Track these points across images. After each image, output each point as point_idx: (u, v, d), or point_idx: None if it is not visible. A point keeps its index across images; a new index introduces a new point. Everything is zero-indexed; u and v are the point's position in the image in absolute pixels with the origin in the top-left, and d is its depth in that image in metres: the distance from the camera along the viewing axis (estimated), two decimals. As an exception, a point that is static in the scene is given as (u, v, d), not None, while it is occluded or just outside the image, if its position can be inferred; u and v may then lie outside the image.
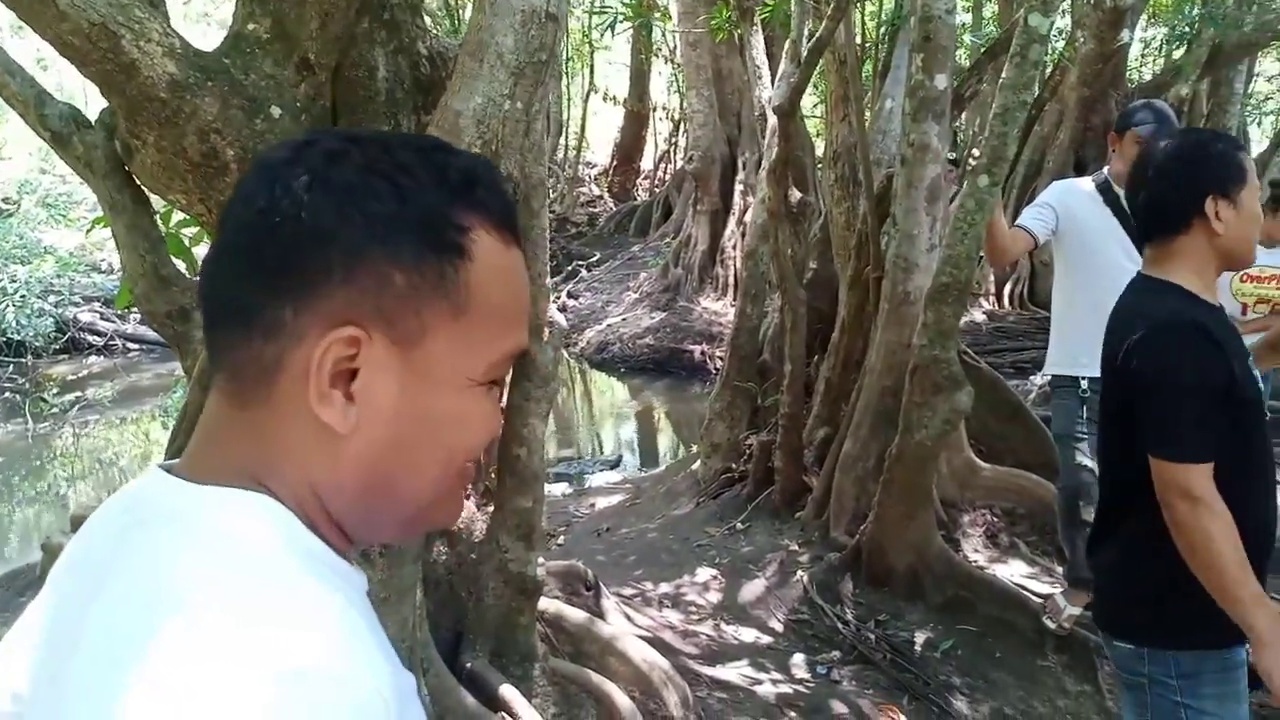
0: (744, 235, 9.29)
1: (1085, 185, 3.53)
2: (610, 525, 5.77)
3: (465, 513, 2.97)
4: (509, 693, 2.72)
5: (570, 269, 15.54)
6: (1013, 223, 3.56)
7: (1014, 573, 4.23)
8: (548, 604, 3.17)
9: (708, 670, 3.43)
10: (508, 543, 2.87)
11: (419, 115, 2.45)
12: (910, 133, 4.14)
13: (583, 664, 3.04)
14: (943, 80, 4.06)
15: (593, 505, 6.61)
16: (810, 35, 4.90)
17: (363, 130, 1.02)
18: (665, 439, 10.64)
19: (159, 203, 2.51)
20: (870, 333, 4.68)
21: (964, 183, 3.51)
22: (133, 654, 0.54)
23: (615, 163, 20.45)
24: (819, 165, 6.57)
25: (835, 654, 3.70)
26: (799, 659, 3.67)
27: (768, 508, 5.05)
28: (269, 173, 0.65)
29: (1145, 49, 14.68)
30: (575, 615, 3.23)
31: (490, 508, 3.02)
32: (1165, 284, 1.91)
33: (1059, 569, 4.15)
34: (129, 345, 13.91)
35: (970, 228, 3.37)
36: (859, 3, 6.18)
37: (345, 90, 2.33)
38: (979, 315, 10.77)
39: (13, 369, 12.43)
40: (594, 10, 10.12)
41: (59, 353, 13.32)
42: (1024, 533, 4.53)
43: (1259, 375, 1.94)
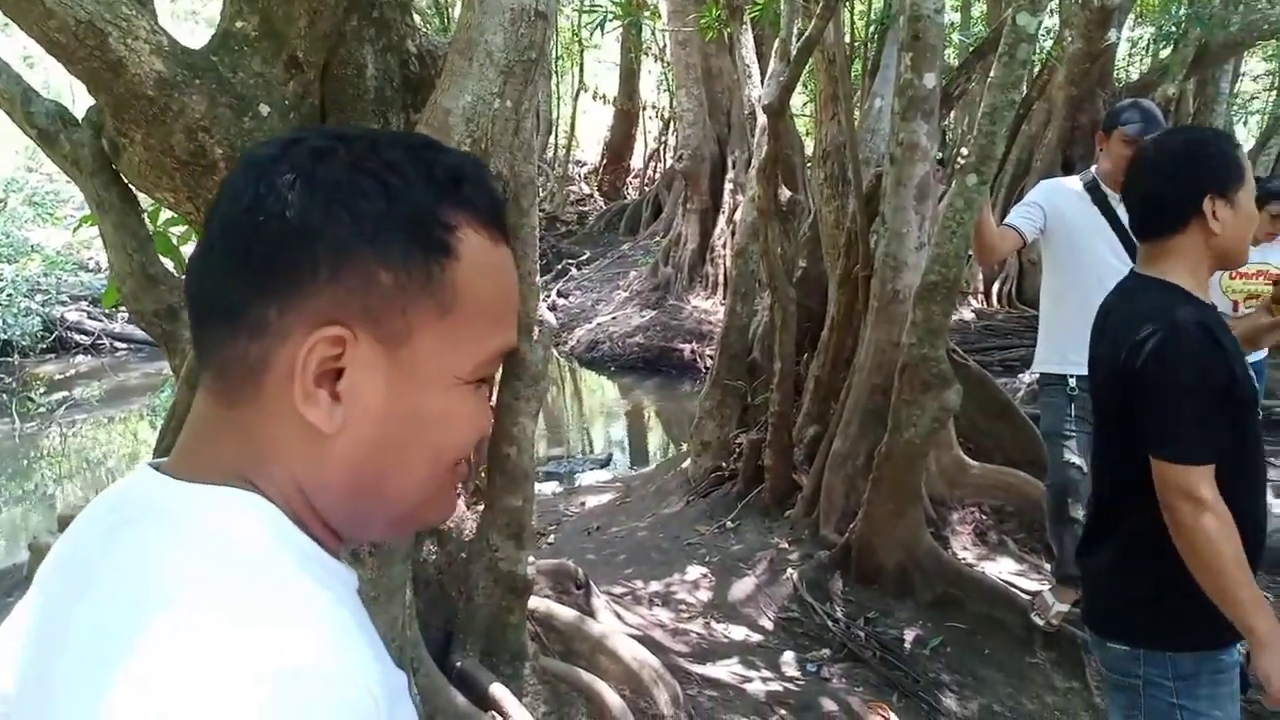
0: (734, 234, 9.32)
1: (1073, 184, 3.54)
2: (600, 524, 5.77)
3: (455, 512, 2.96)
4: (499, 691, 2.72)
5: (560, 268, 15.52)
6: (1001, 221, 3.58)
7: (1002, 570, 4.25)
8: (538, 603, 3.17)
9: (698, 668, 3.44)
10: (498, 541, 2.87)
11: (408, 113, 2.44)
12: (899, 131, 4.15)
13: (573, 662, 3.04)
14: (931, 79, 4.07)
15: (583, 504, 6.61)
16: (800, 34, 4.90)
17: (351, 128, 1.02)
18: (655, 437, 10.64)
19: (146, 201, 2.51)
20: (860, 331, 4.69)
21: (952, 181, 3.52)
22: (120, 652, 0.54)
23: (605, 161, 20.47)
24: (808, 164, 6.57)
25: (825, 651, 3.71)
26: (789, 657, 3.67)
27: (757, 506, 5.06)
28: (255, 170, 0.64)
29: (1132, 48, 14.76)
30: (565, 614, 3.23)
31: (480, 506, 3.01)
32: (1164, 284, 1.89)
33: (1047, 566, 4.17)
34: (116, 344, 13.86)
35: (959, 226, 3.38)
36: (848, 1, 6.19)
37: (334, 88, 2.33)
38: (967, 313, 10.81)
39: (-1, 368, 12.39)
40: (584, 9, 10.12)
41: (46, 352, 13.25)
42: (1012, 530, 4.54)
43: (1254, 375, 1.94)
